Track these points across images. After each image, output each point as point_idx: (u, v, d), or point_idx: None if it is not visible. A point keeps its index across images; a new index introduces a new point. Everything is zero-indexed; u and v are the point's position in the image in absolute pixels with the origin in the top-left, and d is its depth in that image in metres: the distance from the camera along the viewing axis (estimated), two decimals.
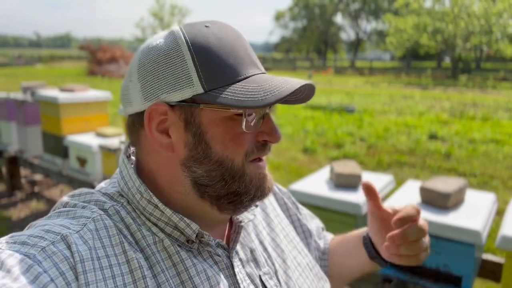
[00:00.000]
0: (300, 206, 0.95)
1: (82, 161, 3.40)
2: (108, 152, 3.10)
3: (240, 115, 0.62)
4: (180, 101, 0.61)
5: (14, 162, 4.31)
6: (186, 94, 0.60)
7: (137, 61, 0.64)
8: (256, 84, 0.60)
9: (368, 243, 0.84)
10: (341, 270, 0.92)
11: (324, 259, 0.93)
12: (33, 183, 4.57)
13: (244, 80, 0.61)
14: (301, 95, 0.68)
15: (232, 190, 0.64)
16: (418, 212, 0.71)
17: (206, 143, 0.62)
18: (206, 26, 0.63)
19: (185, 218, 0.62)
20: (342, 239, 0.95)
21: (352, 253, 0.89)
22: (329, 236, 0.99)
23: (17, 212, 3.92)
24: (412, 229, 0.70)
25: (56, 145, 3.67)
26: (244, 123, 0.61)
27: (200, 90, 0.59)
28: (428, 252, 0.75)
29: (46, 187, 4.60)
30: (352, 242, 0.90)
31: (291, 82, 0.61)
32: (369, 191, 0.79)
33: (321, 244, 0.94)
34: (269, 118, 0.66)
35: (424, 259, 0.74)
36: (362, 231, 0.89)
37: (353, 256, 0.89)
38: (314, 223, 0.96)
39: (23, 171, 4.69)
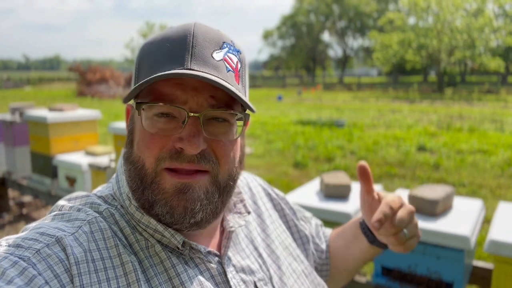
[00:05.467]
0: (297, 209, 0.93)
1: (72, 181, 3.37)
2: (97, 170, 3.08)
3: (159, 115, 0.59)
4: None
5: (2, 184, 4.24)
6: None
7: None
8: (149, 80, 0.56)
9: (366, 228, 0.84)
10: (345, 261, 0.91)
11: (326, 257, 0.92)
12: (21, 205, 4.49)
13: (154, 77, 0.56)
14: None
15: (145, 197, 0.60)
16: (394, 208, 0.71)
17: (131, 140, 0.63)
18: (170, 27, 0.64)
19: (169, 229, 0.62)
20: (340, 231, 0.94)
21: (351, 242, 0.88)
22: (328, 231, 0.99)
23: (4, 235, 3.83)
24: (386, 227, 0.71)
25: (45, 165, 3.63)
26: (142, 121, 0.59)
27: (132, 87, 0.62)
28: (415, 240, 0.75)
29: (35, 208, 4.52)
30: (350, 231, 0.90)
31: (178, 73, 0.54)
32: (364, 173, 0.77)
33: (321, 244, 0.93)
34: (193, 123, 0.58)
35: (411, 247, 0.75)
36: (358, 218, 0.88)
37: (353, 245, 0.88)
38: (313, 222, 0.95)
39: (12, 193, 4.62)
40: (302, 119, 11.45)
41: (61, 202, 0.65)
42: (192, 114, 0.57)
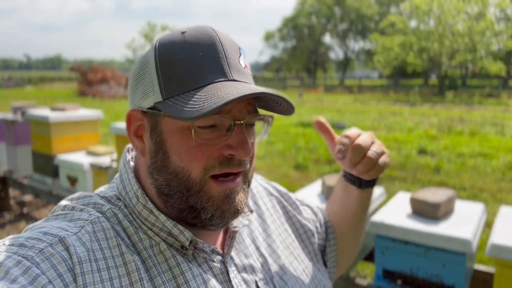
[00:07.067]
0: (300, 202, 0.93)
1: (73, 180, 3.37)
2: (99, 170, 3.08)
3: (204, 126, 0.59)
4: (149, 108, 0.62)
5: (3, 183, 4.25)
6: (150, 101, 0.61)
7: (131, 70, 0.67)
8: (205, 93, 0.56)
9: (348, 176, 0.87)
10: (348, 220, 0.92)
11: (333, 237, 0.93)
12: (22, 204, 4.50)
13: (202, 88, 0.57)
14: (282, 107, 0.65)
15: (190, 205, 0.61)
16: (352, 136, 0.78)
17: (164, 151, 0.62)
18: (182, 33, 0.62)
19: (178, 225, 0.63)
20: (332, 195, 0.97)
21: (344, 198, 0.90)
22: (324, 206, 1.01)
23: (5, 234, 3.83)
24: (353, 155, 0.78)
25: (46, 164, 3.63)
26: (193, 134, 0.59)
27: (159, 98, 0.60)
28: (385, 156, 0.79)
29: (36, 208, 4.52)
30: (338, 188, 0.92)
31: (245, 90, 0.55)
32: (322, 127, 0.86)
33: (324, 230, 0.94)
34: (239, 130, 0.61)
35: (387, 162, 0.79)
36: (339, 175, 0.92)
37: (347, 199, 0.89)
38: (316, 210, 0.96)
39: (12, 192, 4.62)
40: (303, 121, 11.44)
41: (63, 202, 0.65)
42: (237, 122, 0.60)
